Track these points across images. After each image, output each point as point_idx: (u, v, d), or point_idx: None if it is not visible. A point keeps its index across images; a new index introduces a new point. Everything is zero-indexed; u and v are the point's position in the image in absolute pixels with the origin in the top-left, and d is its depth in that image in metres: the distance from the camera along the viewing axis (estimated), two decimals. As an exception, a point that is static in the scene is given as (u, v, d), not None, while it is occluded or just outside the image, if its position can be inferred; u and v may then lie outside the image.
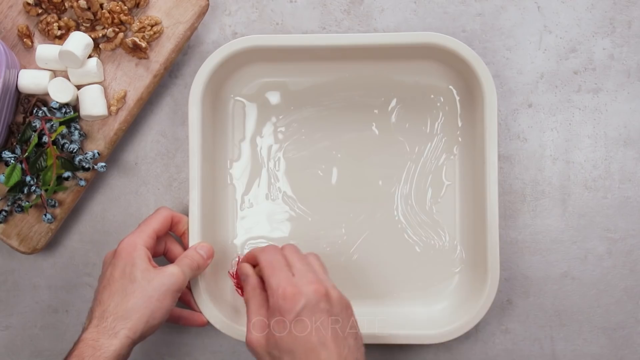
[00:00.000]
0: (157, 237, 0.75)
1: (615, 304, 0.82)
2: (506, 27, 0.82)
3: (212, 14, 0.82)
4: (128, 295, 0.68)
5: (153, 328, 0.70)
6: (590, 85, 0.82)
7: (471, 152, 0.80)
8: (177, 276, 0.71)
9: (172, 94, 0.83)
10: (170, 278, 0.70)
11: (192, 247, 0.76)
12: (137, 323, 0.68)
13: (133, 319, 0.68)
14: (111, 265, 0.71)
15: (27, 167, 0.77)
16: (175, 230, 0.78)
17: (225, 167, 0.82)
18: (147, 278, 0.69)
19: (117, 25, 0.79)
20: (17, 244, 0.80)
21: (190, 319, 0.78)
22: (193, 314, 0.78)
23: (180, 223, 0.77)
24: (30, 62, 0.80)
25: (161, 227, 0.75)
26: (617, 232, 0.82)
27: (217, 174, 0.81)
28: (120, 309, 0.68)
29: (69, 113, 0.79)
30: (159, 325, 0.70)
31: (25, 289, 0.83)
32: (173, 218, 0.77)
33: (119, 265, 0.70)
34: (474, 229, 0.79)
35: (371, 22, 0.82)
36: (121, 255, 0.71)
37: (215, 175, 0.81)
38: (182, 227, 0.78)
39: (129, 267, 0.70)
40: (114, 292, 0.69)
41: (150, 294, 0.69)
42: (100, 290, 0.70)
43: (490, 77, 0.76)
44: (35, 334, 0.83)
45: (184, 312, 0.78)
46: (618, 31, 0.82)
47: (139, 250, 0.71)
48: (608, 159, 0.82)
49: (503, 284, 0.82)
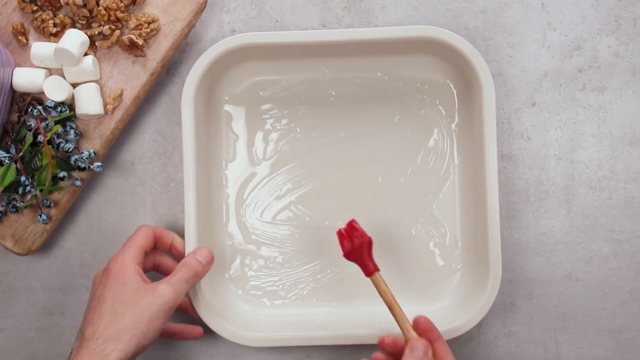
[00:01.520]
0: (145, 253, 0.74)
1: (621, 306, 0.81)
2: (509, 24, 0.81)
3: (210, 11, 0.82)
4: (118, 316, 0.67)
5: (144, 347, 0.69)
6: (595, 84, 0.81)
7: (471, 148, 0.79)
8: (168, 296, 0.69)
9: (170, 92, 0.82)
10: (161, 298, 0.69)
11: (190, 253, 0.75)
12: (128, 344, 0.67)
13: (124, 340, 0.67)
14: (101, 285, 0.70)
15: (22, 166, 0.77)
16: (161, 244, 0.77)
17: (220, 167, 0.82)
18: (137, 299, 0.68)
19: (114, 23, 0.79)
20: (12, 245, 0.80)
21: (185, 333, 0.77)
22: (188, 328, 0.77)
23: (164, 237, 0.76)
24: (25, 60, 0.79)
25: (146, 243, 0.74)
26: (623, 233, 0.81)
27: (212, 175, 0.81)
28: (110, 330, 0.67)
29: (64, 112, 0.78)
30: (150, 344, 0.69)
31: (20, 291, 0.83)
32: (155, 233, 0.76)
33: (109, 284, 0.70)
34: (475, 226, 0.79)
35: (372, 19, 0.82)
36: (111, 274, 0.70)
37: (210, 176, 0.81)
38: (167, 241, 0.77)
39: (119, 287, 0.69)
40: (104, 313, 0.68)
41: (140, 315, 0.68)
42: (90, 310, 0.69)
43: (487, 69, 0.75)
44: (30, 337, 0.83)
45: (178, 327, 0.77)
46: (623, 28, 0.81)
47: (129, 267, 0.70)
48: (613, 158, 0.81)
49: (506, 285, 0.81)
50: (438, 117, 0.81)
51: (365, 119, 0.81)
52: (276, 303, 0.81)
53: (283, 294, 0.81)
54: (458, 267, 0.81)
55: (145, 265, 0.75)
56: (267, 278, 0.81)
